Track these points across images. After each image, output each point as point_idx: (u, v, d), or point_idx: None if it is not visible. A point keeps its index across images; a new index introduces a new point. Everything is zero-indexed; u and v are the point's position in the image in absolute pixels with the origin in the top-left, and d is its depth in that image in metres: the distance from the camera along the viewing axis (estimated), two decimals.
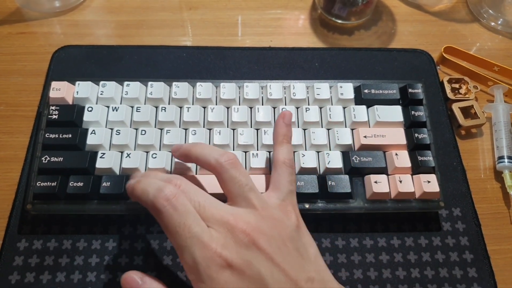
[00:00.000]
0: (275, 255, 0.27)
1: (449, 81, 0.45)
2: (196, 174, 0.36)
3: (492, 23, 0.52)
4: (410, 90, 0.40)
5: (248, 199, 0.29)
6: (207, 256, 0.26)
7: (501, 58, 0.49)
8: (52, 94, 0.38)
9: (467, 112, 0.44)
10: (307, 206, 0.36)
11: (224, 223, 0.27)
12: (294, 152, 0.37)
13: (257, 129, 0.38)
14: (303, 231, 0.30)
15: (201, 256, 0.26)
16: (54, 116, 0.37)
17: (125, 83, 0.39)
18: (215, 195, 0.34)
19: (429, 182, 0.36)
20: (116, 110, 0.38)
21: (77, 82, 0.39)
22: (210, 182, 0.34)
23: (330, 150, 0.38)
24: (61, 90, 0.38)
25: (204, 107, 0.39)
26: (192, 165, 0.36)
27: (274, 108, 0.39)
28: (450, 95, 0.44)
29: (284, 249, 0.28)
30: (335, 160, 0.37)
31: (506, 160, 0.41)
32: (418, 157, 0.37)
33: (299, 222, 0.30)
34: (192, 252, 0.26)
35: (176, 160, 0.35)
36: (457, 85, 0.45)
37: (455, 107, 0.44)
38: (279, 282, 0.26)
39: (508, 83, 0.46)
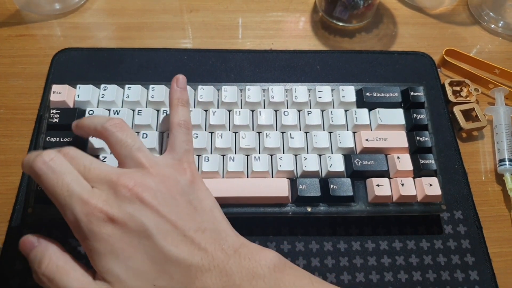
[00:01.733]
0: (160, 206, 0.27)
1: (450, 84, 0.45)
2: None
3: (493, 26, 0.52)
4: (411, 93, 0.40)
5: (136, 158, 0.29)
6: (87, 212, 0.26)
7: (502, 61, 0.49)
8: (53, 97, 0.38)
9: (468, 114, 0.44)
10: (309, 209, 0.36)
11: (108, 181, 0.27)
12: (296, 155, 0.37)
13: (259, 133, 0.38)
14: (198, 186, 0.30)
15: (82, 212, 0.26)
16: (55, 120, 0.37)
17: (126, 86, 0.39)
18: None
19: (431, 185, 0.36)
20: (118, 114, 0.38)
21: (78, 85, 0.39)
22: (210, 185, 0.34)
23: (332, 153, 0.38)
24: (61, 93, 0.38)
25: (206, 110, 0.39)
26: None
27: (276, 111, 0.39)
28: (451, 97, 0.44)
29: (171, 202, 0.28)
30: (337, 164, 0.37)
31: (507, 163, 0.41)
32: (420, 160, 0.37)
33: (194, 178, 0.30)
34: (73, 209, 0.26)
35: None
36: (458, 88, 0.45)
37: (457, 109, 0.44)
38: (165, 232, 0.26)
39: (509, 86, 0.46)
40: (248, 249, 0.28)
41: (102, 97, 0.39)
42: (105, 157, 0.36)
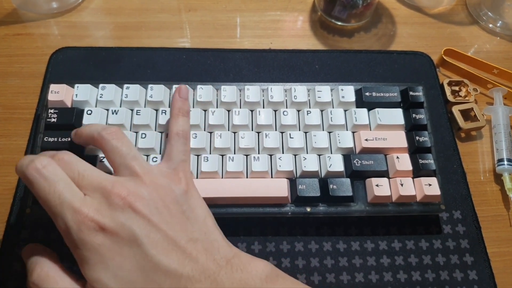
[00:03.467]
0: (152, 216, 0.27)
1: (449, 84, 0.45)
2: (197, 178, 0.36)
3: (491, 26, 0.52)
4: (411, 93, 0.40)
5: (130, 166, 0.29)
6: (78, 220, 0.26)
7: (500, 61, 0.49)
8: (51, 97, 0.38)
9: (467, 114, 0.44)
10: (308, 209, 0.36)
11: (101, 188, 0.27)
12: (295, 155, 0.37)
13: (258, 132, 0.38)
14: (192, 195, 0.30)
15: (73, 220, 0.26)
16: (52, 119, 0.37)
17: (125, 85, 0.39)
18: (213, 199, 0.34)
19: (430, 185, 0.36)
20: (116, 113, 0.38)
21: (76, 85, 0.39)
22: (209, 186, 0.35)
23: (331, 153, 0.38)
24: (59, 93, 0.38)
25: (205, 110, 0.39)
26: (193, 168, 0.36)
27: (275, 111, 0.39)
28: (450, 97, 0.45)
29: (164, 211, 0.28)
30: (337, 164, 0.37)
31: (505, 162, 0.41)
32: (419, 160, 0.37)
33: (189, 188, 0.30)
34: (64, 217, 0.26)
35: None
36: (457, 88, 0.45)
37: (455, 109, 0.44)
38: (156, 241, 0.26)
39: (508, 86, 0.46)
40: (240, 260, 0.27)
41: (100, 97, 0.38)
42: (103, 157, 0.36)
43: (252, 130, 0.39)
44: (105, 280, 0.25)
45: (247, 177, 0.36)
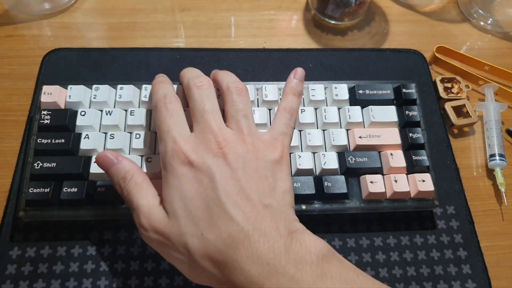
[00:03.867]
0: (237, 170, 0.29)
1: (442, 81, 0.46)
2: None
3: (482, 23, 0.52)
4: (404, 90, 0.40)
5: (239, 122, 0.32)
6: (174, 150, 0.30)
7: (491, 58, 0.49)
8: (44, 98, 0.38)
9: (459, 111, 0.44)
10: (304, 207, 0.36)
11: (207, 131, 0.30)
12: (290, 153, 0.37)
13: None
14: (281, 168, 0.31)
15: (170, 148, 0.30)
16: (46, 121, 0.37)
17: (119, 86, 0.39)
18: None
19: (423, 181, 0.37)
20: (110, 114, 0.38)
21: (69, 86, 0.38)
22: None
23: (325, 151, 0.38)
24: (52, 94, 0.38)
25: None
26: None
27: (269, 110, 0.39)
28: (442, 94, 0.45)
29: (249, 171, 0.29)
30: (331, 161, 0.37)
31: (497, 158, 0.42)
32: (413, 156, 0.37)
33: (282, 159, 0.32)
34: (166, 143, 0.30)
35: None
36: (449, 85, 0.46)
37: (448, 106, 0.44)
38: (231, 192, 0.28)
39: (499, 82, 0.47)
40: (301, 235, 0.28)
41: (94, 98, 0.38)
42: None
43: None
44: (175, 205, 0.28)
45: None
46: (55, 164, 0.35)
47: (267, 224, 0.27)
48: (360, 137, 0.38)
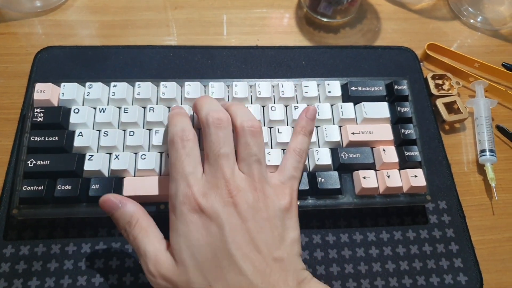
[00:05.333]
0: (248, 221, 0.28)
1: (433, 78, 0.46)
2: None
3: (472, 21, 0.53)
4: (396, 87, 0.40)
5: (251, 167, 0.31)
6: (186, 194, 0.29)
7: (481, 55, 0.50)
8: (37, 96, 0.37)
9: (450, 107, 0.45)
10: (298, 203, 0.36)
11: (219, 176, 0.30)
12: (283, 150, 0.38)
13: None
14: (291, 215, 0.31)
15: (182, 192, 0.29)
16: (39, 119, 0.37)
17: (112, 83, 0.39)
18: None
19: (416, 176, 0.37)
20: (103, 111, 0.38)
21: (62, 84, 0.38)
22: None
23: (319, 147, 0.38)
24: (45, 92, 0.38)
25: None
26: None
27: (263, 106, 0.40)
28: (434, 91, 0.45)
29: (261, 221, 0.29)
30: (324, 157, 0.37)
31: (487, 153, 0.42)
32: (405, 152, 0.38)
33: (291, 206, 0.31)
34: (177, 185, 0.30)
35: None
36: (440, 81, 0.46)
37: (439, 102, 0.45)
38: (241, 244, 0.28)
39: (488, 79, 0.47)
40: (309, 284, 0.29)
41: (87, 95, 0.38)
42: (92, 156, 0.36)
43: None
44: (184, 254, 0.28)
45: None
46: (48, 161, 0.35)
47: (277, 277, 0.27)
48: (353, 133, 0.38)
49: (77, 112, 0.37)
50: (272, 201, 0.30)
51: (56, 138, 0.36)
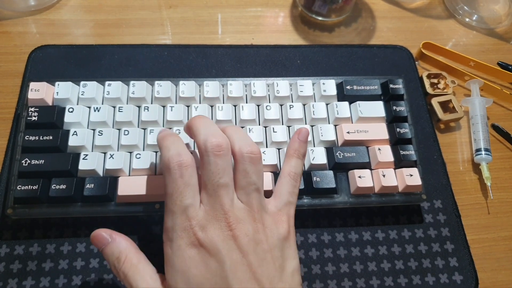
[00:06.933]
0: (249, 255, 0.28)
1: (428, 76, 0.46)
2: None
3: (467, 19, 0.53)
4: (391, 86, 0.40)
5: (249, 196, 0.30)
6: (184, 228, 0.28)
7: (476, 53, 0.50)
8: (31, 95, 0.37)
9: (445, 106, 0.45)
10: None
11: (218, 208, 0.28)
12: (278, 149, 0.38)
13: (242, 127, 0.38)
14: (289, 244, 0.30)
15: (180, 225, 0.28)
16: (33, 118, 0.36)
17: (107, 83, 0.39)
18: None
19: (411, 175, 0.37)
20: (98, 111, 0.38)
21: (56, 83, 0.38)
22: None
23: (314, 146, 0.38)
24: (40, 91, 0.37)
25: (188, 106, 0.39)
26: None
27: (258, 106, 0.40)
28: (429, 90, 0.45)
29: (261, 254, 0.28)
30: (320, 156, 0.37)
31: (483, 152, 0.42)
32: (400, 151, 0.38)
33: (289, 234, 0.31)
34: (174, 218, 0.28)
35: None
36: (435, 80, 0.46)
37: (434, 101, 0.45)
38: (242, 279, 0.27)
39: (484, 78, 0.47)
40: None
41: (82, 94, 0.38)
42: (86, 155, 0.35)
43: (236, 125, 0.39)
44: None
45: None
46: (43, 161, 0.35)
47: None
48: (348, 132, 0.38)
49: (71, 111, 0.37)
50: (271, 230, 0.30)
51: (51, 138, 0.36)
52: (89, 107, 0.38)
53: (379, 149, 0.38)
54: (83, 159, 0.35)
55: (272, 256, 0.28)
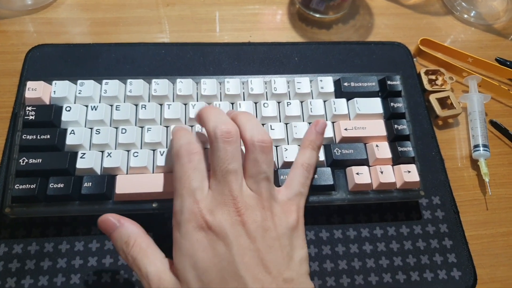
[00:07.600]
0: (256, 240, 0.28)
1: (426, 73, 0.46)
2: None
3: (465, 16, 0.53)
4: (388, 82, 0.40)
5: (259, 185, 0.30)
6: (193, 210, 0.28)
7: (474, 50, 0.50)
8: (28, 94, 0.37)
9: (443, 102, 0.45)
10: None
11: (227, 193, 0.28)
12: (276, 146, 0.38)
13: None
14: (298, 234, 0.30)
15: (188, 208, 0.28)
16: (31, 117, 0.36)
17: (104, 81, 0.39)
18: None
19: (409, 172, 0.37)
20: (95, 109, 0.37)
21: (54, 82, 0.38)
22: None
23: None
24: (37, 90, 0.37)
25: (185, 104, 0.39)
26: None
27: (255, 103, 0.39)
28: (427, 86, 0.45)
29: (269, 240, 0.28)
30: None
31: (481, 148, 0.42)
32: (398, 148, 0.38)
33: (298, 224, 0.31)
34: (183, 201, 0.28)
35: None
36: (433, 77, 0.46)
37: (432, 98, 0.45)
38: (250, 264, 0.27)
39: (482, 74, 0.47)
40: None
41: (79, 93, 0.38)
42: (84, 154, 0.35)
43: None
44: (188, 275, 0.27)
45: None
46: (40, 160, 0.35)
47: None
48: (345, 129, 0.38)
49: (69, 110, 0.37)
50: (279, 219, 0.30)
51: (48, 137, 0.36)
52: (87, 106, 0.38)
53: (377, 145, 0.38)
54: (81, 157, 0.35)
55: (280, 244, 0.29)
